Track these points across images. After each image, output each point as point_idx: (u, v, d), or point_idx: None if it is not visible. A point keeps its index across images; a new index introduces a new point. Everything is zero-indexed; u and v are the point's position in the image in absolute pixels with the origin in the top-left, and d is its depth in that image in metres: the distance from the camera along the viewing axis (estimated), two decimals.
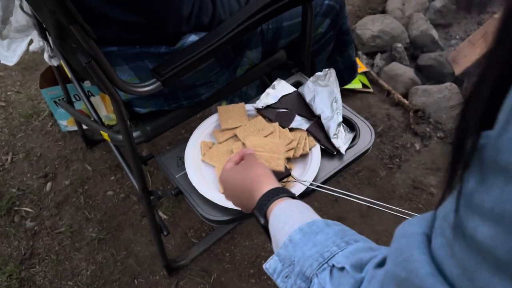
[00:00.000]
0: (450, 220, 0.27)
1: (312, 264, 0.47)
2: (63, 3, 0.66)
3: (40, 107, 1.90)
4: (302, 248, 0.50)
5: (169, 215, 1.50)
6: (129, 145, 0.94)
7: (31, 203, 1.57)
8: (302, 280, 0.48)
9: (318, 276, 0.47)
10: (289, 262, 0.51)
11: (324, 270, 0.46)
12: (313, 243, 0.49)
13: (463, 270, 0.26)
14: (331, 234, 0.50)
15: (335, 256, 0.47)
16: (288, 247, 0.51)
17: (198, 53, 0.86)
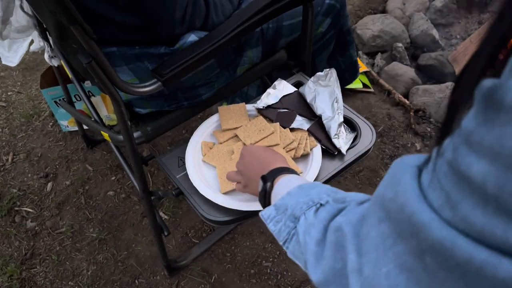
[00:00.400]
0: (446, 157, 0.29)
1: (302, 207, 0.52)
2: (63, 4, 0.65)
3: (41, 107, 1.90)
4: (297, 198, 0.55)
5: (170, 215, 1.50)
6: (129, 145, 0.94)
7: (32, 203, 1.57)
8: (290, 220, 0.53)
9: (305, 214, 0.51)
10: (283, 210, 0.56)
11: (311, 208, 0.51)
12: (306, 194, 0.54)
13: (447, 201, 0.28)
14: (325, 189, 0.55)
15: (323, 200, 0.51)
16: (284, 199, 0.57)
17: (198, 53, 0.86)
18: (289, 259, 1.36)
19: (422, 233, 0.29)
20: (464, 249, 0.26)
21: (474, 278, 0.27)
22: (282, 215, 0.55)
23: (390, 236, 0.33)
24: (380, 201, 0.36)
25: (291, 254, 0.53)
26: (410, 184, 0.32)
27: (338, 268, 0.42)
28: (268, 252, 1.39)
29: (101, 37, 0.74)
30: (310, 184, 0.58)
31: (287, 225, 0.53)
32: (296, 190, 0.57)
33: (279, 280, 1.34)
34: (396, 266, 0.32)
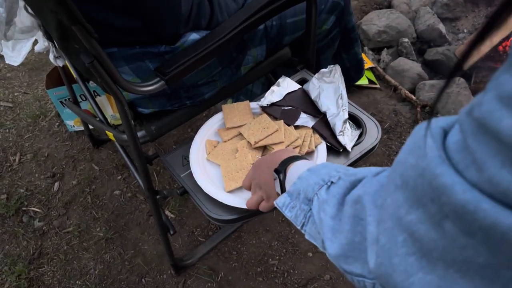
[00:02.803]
0: (474, 114, 0.27)
1: (313, 188, 0.52)
2: (64, 3, 0.65)
3: (47, 108, 1.91)
4: (308, 179, 0.54)
5: (176, 214, 1.50)
6: (133, 144, 0.93)
7: (39, 203, 1.58)
8: (305, 203, 0.53)
9: (318, 194, 0.51)
10: (296, 194, 0.55)
11: (323, 187, 0.51)
12: (317, 175, 0.53)
13: (473, 161, 0.26)
14: (335, 166, 0.54)
15: (335, 178, 0.50)
16: (296, 184, 0.56)
17: (201, 51, 0.86)
18: (296, 257, 1.36)
19: (444, 197, 0.28)
20: (488, 212, 0.25)
21: (499, 243, 0.25)
22: (296, 200, 0.55)
23: (405, 204, 0.32)
24: (400, 168, 0.34)
25: (309, 236, 0.53)
26: (433, 146, 0.30)
27: (357, 241, 0.42)
28: (275, 250, 1.39)
29: (101, 39, 0.74)
30: (319, 165, 0.57)
31: (302, 209, 0.53)
32: (306, 173, 0.56)
33: (285, 278, 1.33)
34: (410, 234, 0.31)
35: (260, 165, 0.75)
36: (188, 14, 0.86)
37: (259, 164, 0.76)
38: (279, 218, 1.46)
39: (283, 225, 1.44)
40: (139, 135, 0.99)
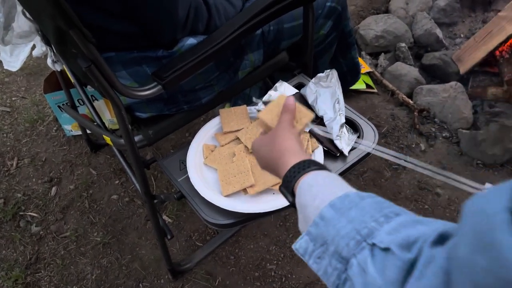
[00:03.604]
0: None
1: (348, 243, 0.42)
2: (61, 7, 0.65)
3: (45, 112, 1.91)
4: (336, 225, 0.45)
5: (174, 218, 1.50)
6: (131, 149, 0.93)
7: (37, 208, 1.58)
8: (338, 260, 0.43)
9: (357, 256, 0.41)
10: (321, 242, 0.46)
11: (364, 250, 0.41)
12: (347, 220, 0.44)
13: None
14: (367, 208, 0.44)
15: (375, 234, 0.41)
16: (319, 225, 0.46)
17: (198, 56, 0.86)
18: (294, 262, 1.36)
19: None
20: None
21: None
22: (322, 250, 0.45)
23: None
24: (470, 269, 0.28)
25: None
26: (510, 246, 0.24)
27: None
28: (272, 254, 1.39)
29: (99, 44, 0.74)
30: (342, 199, 0.47)
31: (334, 266, 0.43)
32: (330, 214, 0.46)
33: (283, 282, 1.33)
34: None
35: (260, 158, 0.68)
36: (186, 19, 0.87)
37: (258, 154, 0.68)
38: (277, 222, 1.46)
39: (280, 229, 1.44)
40: (137, 139, 0.99)
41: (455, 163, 1.58)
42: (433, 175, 0.66)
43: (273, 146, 0.64)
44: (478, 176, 1.52)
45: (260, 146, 0.67)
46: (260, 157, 0.68)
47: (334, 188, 0.51)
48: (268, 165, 0.66)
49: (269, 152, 0.64)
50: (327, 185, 0.52)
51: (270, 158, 0.64)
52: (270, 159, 0.64)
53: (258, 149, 0.68)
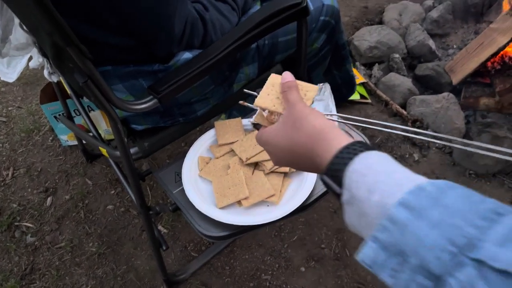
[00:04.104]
0: None
1: (439, 257, 0.33)
2: (59, 25, 0.67)
3: (41, 122, 1.92)
4: (415, 231, 0.35)
5: (169, 228, 1.50)
6: (126, 161, 0.94)
7: (32, 218, 1.58)
8: (425, 276, 0.34)
9: (456, 275, 0.32)
10: (395, 250, 0.36)
11: (465, 267, 0.31)
12: (430, 224, 0.34)
13: None
14: (454, 206, 0.34)
15: (478, 245, 0.31)
16: (390, 231, 0.36)
17: (194, 70, 0.87)
18: (288, 272, 1.37)
19: None
20: None
21: None
22: (398, 261, 0.36)
23: None
24: None
25: None
26: None
27: None
28: (267, 265, 1.39)
29: (95, 58, 0.75)
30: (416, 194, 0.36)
31: (419, 283, 0.34)
32: (404, 216, 0.35)
33: None
34: None
35: (277, 149, 0.55)
36: (182, 34, 0.88)
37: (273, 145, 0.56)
38: (272, 233, 1.47)
39: (275, 239, 1.45)
40: (132, 151, 1.00)
41: (448, 173, 1.59)
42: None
43: (299, 132, 0.51)
44: (471, 186, 1.53)
45: (276, 136, 0.55)
46: (280, 149, 0.54)
47: (396, 175, 0.40)
48: (293, 157, 0.53)
49: (295, 140, 0.51)
50: (386, 172, 0.40)
51: (298, 147, 0.51)
52: (298, 148, 0.51)
53: (274, 140, 0.55)
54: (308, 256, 1.39)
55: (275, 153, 0.57)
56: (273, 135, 0.55)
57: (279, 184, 0.93)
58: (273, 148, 0.56)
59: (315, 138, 0.49)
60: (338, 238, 1.42)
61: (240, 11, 1.03)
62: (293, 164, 0.55)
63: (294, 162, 0.54)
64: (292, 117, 0.53)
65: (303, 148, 0.51)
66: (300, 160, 0.52)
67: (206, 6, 0.95)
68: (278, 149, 0.55)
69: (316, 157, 0.49)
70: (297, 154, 0.52)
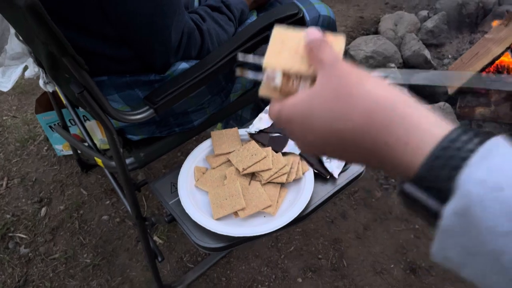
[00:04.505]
0: None
1: None
2: (55, 36, 0.66)
3: (36, 132, 1.90)
4: None
5: (165, 239, 1.49)
6: (122, 172, 0.94)
7: (26, 229, 1.56)
8: None
9: None
10: None
11: None
12: None
13: None
14: None
15: None
16: None
17: (190, 80, 0.87)
18: (285, 283, 1.35)
19: None
20: None
21: None
22: None
23: None
24: None
25: None
26: None
27: None
28: (264, 276, 1.38)
29: (92, 68, 0.75)
30: None
31: None
32: None
33: None
34: None
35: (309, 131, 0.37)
36: (178, 44, 0.88)
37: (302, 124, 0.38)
38: (268, 243, 1.46)
39: (272, 250, 1.44)
40: (128, 162, 0.99)
41: None
42: None
43: (348, 105, 0.34)
44: None
45: (307, 111, 0.36)
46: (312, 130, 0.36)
47: None
48: (336, 143, 0.35)
49: (342, 118, 0.34)
50: None
51: (348, 129, 0.34)
52: (347, 130, 0.34)
53: (303, 117, 0.37)
54: (305, 267, 1.38)
55: (303, 135, 0.38)
56: (301, 110, 0.37)
57: (276, 195, 0.92)
58: (301, 128, 0.38)
59: (381, 118, 0.32)
60: (335, 248, 1.41)
61: (237, 21, 1.03)
62: (333, 152, 0.37)
63: (336, 150, 0.36)
64: (335, 82, 0.35)
65: (356, 131, 0.33)
66: (348, 147, 0.35)
67: (203, 17, 0.95)
68: (308, 130, 0.37)
69: (381, 148, 0.32)
70: (344, 140, 0.34)
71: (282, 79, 0.42)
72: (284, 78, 0.42)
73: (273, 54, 0.44)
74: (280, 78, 0.43)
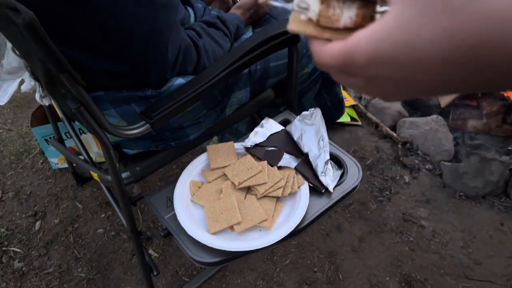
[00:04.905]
0: None
1: None
2: (53, 54, 0.67)
3: (31, 145, 1.90)
4: None
5: (160, 253, 1.49)
6: (118, 187, 0.94)
7: (20, 243, 1.55)
8: None
9: None
10: None
11: None
12: None
13: None
14: None
15: None
16: None
17: (186, 96, 0.88)
18: None
19: None
20: None
21: None
22: None
23: None
24: None
25: None
26: None
27: None
28: None
29: (88, 83, 0.76)
30: None
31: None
32: None
33: None
34: None
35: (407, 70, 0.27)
36: (175, 60, 0.89)
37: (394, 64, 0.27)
38: (264, 256, 1.46)
39: (268, 263, 1.44)
40: (124, 176, 0.99)
41: (438, 194, 1.60)
42: None
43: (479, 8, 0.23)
44: (461, 208, 1.55)
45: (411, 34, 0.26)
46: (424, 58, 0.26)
47: None
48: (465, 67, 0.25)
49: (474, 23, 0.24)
50: None
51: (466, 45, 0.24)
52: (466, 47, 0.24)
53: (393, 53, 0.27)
54: (301, 280, 1.38)
55: (390, 76, 0.29)
56: (394, 40, 0.27)
57: (272, 209, 0.93)
58: (385, 68, 0.28)
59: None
60: (330, 261, 1.42)
61: (233, 37, 1.05)
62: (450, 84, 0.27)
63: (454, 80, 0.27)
64: None
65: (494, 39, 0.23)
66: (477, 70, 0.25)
67: (199, 33, 0.97)
68: (412, 65, 0.27)
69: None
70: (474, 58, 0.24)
71: (320, 6, 0.33)
72: (322, 5, 0.33)
73: None
74: (317, 4, 0.33)
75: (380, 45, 0.28)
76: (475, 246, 1.44)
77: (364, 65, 0.29)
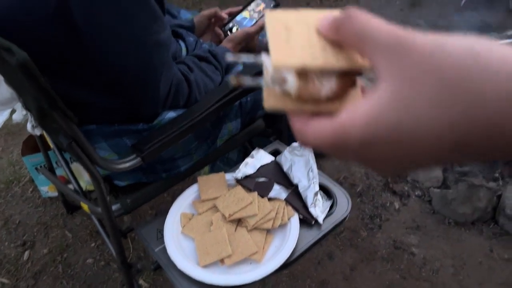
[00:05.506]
0: None
1: None
2: (46, 91, 0.68)
3: (21, 173, 1.89)
4: None
5: (150, 283, 1.47)
6: (108, 219, 0.94)
7: (8, 273, 1.53)
8: None
9: None
10: None
11: None
12: None
13: None
14: None
15: None
16: None
17: (177, 129, 0.89)
18: None
19: None
20: None
21: None
22: None
23: None
24: None
25: None
26: None
27: None
28: None
29: (80, 117, 0.77)
30: None
31: None
32: None
33: None
34: None
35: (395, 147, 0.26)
36: (167, 95, 0.91)
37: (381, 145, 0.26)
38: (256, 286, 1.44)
39: None
40: (114, 208, 1.00)
41: (428, 221, 1.62)
42: None
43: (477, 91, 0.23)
44: (450, 234, 1.56)
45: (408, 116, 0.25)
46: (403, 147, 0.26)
47: None
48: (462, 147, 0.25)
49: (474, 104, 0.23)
50: None
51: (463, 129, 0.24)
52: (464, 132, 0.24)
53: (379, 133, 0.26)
54: None
55: (385, 158, 0.28)
56: (387, 121, 0.26)
57: (262, 241, 0.93)
58: (380, 150, 0.27)
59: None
60: None
61: (224, 70, 1.07)
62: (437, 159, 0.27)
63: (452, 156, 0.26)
64: (427, 66, 0.25)
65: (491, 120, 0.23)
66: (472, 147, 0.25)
67: (191, 67, 0.99)
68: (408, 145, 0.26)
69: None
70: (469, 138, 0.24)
71: (298, 82, 0.31)
72: (300, 79, 0.31)
73: (279, 47, 0.31)
74: (294, 79, 0.31)
75: (376, 128, 0.26)
76: (465, 273, 1.44)
77: (358, 148, 0.27)
